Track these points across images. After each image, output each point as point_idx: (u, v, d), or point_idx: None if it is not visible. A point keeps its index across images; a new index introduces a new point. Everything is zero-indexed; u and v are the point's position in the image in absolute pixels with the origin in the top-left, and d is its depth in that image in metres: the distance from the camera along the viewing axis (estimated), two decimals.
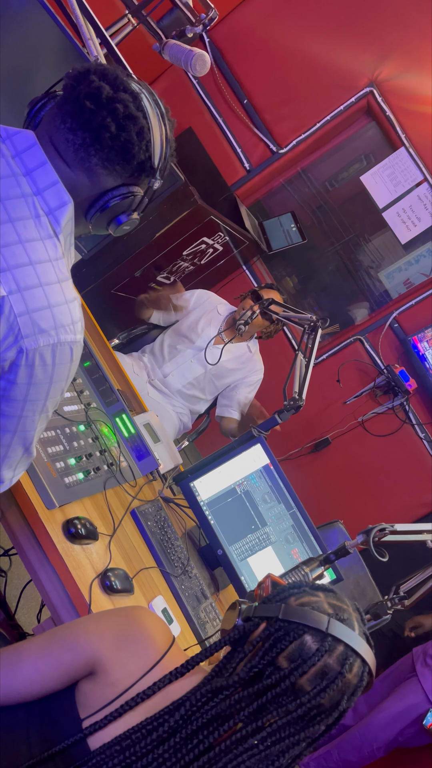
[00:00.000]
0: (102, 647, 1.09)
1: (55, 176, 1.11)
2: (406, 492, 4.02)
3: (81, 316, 1.14)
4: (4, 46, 1.80)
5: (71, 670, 1.10)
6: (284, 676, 1.05)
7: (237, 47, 4.05)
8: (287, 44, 3.98)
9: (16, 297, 1.02)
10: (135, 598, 1.66)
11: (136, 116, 1.13)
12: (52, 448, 1.69)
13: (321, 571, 1.58)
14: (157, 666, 1.09)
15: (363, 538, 1.52)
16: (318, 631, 1.05)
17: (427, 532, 1.58)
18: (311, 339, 2.37)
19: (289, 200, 4.43)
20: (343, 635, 1.06)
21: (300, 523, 2.03)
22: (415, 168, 3.99)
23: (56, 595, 1.56)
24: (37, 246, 1.07)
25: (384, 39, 3.89)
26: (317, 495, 3.73)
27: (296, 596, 1.12)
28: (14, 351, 1.03)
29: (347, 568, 2.46)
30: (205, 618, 1.87)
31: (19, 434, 1.16)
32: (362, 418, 4.10)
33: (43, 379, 1.10)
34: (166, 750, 1.04)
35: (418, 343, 3.96)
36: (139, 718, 1.07)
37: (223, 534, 2.04)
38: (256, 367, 3.17)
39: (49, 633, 1.17)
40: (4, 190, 1.07)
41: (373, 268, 4.44)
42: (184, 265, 3.59)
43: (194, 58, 1.73)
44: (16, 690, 1.10)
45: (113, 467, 1.87)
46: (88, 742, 1.07)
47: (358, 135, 4.28)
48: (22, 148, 1.11)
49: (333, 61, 3.94)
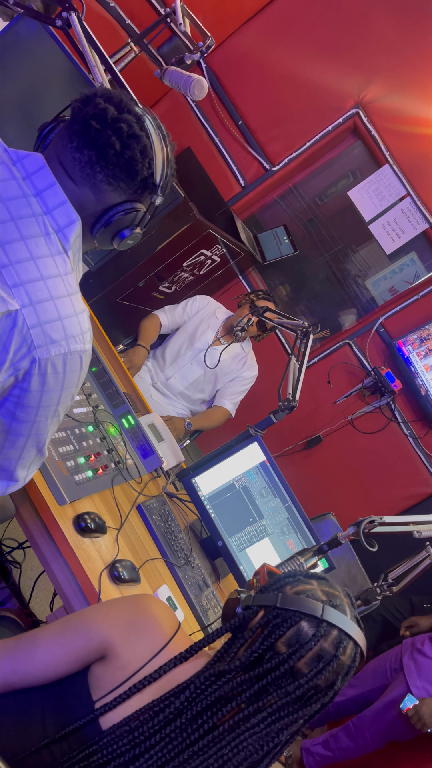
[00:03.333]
0: (112, 632, 1.09)
1: (63, 196, 1.11)
2: (393, 485, 4.01)
3: (89, 327, 1.13)
4: (16, 74, 1.79)
5: (84, 654, 1.09)
6: (283, 660, 1.04)
7: (232, 72, 4.05)
8: (279, 69, 3.98)
9: (28, 310, 1.02)
10: (141, 588, 1.65)
11: (139, 135, 1.13)
12: (63, 447, 1.68)
13: (315, 561, 1.57)
14: (164, 650, 1.09)
15: (354, 529, 1.51)
16: (313, 617, 1.05)
17: (413, 524, 1.58)
18: (304, 344, 2.36)
19: (281, 214, 4.42)
20: (337, 620, 1.06)
21: (295, 516, 2.03)
22: (399, 183, 3.98)
23: (68, 585, 1.55)
24: (47, 262, 1.07)
25: (369, 64, 3.88)
26: (310, 489, 3.72)
27: (292, 585, 1.11)
28: (28, 361, 1.03)
29: (339, 557, 2.46)
30: (207, 605, 1.86)
31: (32, 437, 1.16)
32: (351, 416, 4.09)
33: (55, 387, 1.09)
34: (173, 730, 1.04)
35: (403, 346, 3.95)
36: (147, 700, 1.07)
37: (223, 526, 2.04)
38: (250, 364, 3.18)
39: (63, 620, 1.16)
40: (15, 210, 1.07)
41: (360, 277, 4.43)
42: (185, 276, 3.59)
43: (193, 84, 1.73)
44: (33, 673, 1.09)
45: (120, 465, 1.87)
46: (99, 722, 1.06)
47: (345, 153, 4.27)
48: (32, 170, 1.11)
49: (322, 84, 3.94)
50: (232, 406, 3.14)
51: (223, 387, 3.14)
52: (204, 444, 3.60)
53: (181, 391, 3.13)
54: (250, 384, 3.19)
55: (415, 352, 3.93)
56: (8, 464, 1.19)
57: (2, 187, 1.07)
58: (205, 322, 3.15)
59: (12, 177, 1.09)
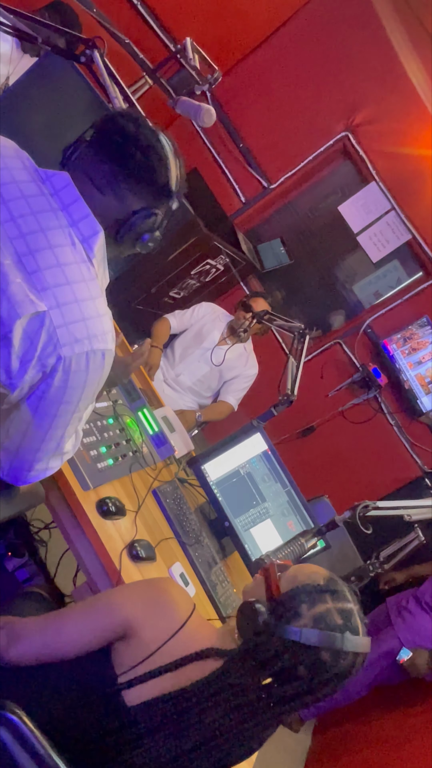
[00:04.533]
0: (134, 611, 1.08)
1: (87, 210, 1.11)
2: (381, 470, 4.00)
3: (112, 329, 1.12)
4: (43, 105, 1.78)
5: (107, 632, 1.08)
6: (302, 684, 1.03)
7: (234, 99, 4.02)
8: (276, 96, 3.96)
9: (55, 312, 1.01)
10: (157, 565, 1.65)
11: (156, 147, 1.13)
12: (87, 438, 1.68)
13: (314, 542, 1.56)
14: (182, 628, 1.07)
15: (350, 513, 1.50)
16: (334, 649, 1.02)
17: (404, 508, 1.57)
18: (300, 344, 2.35)
19: (278, 227, 4.40)
20: (355, 647, 1.04)
21: (294, 499, 2.02)
22: (384, 199, 3.96)
23: (91, 563, 1.55)
24: (73, 269, 1.06)
25: (357, 92, 3.85)
26: (305, 474, 3.68)
27: (308, 604, 1.05)
28: (54, 358, 1.02)
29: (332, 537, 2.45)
30: (215, 580, 1.85)
31: (52, 431, 1.13)
32: (342, 408, 4.08)
33: (78, 383, 1.07)
34: (188, 718, 1.04)
35: (389, 345, 3.94)
36: (163, 684, 1.05)
37: (230, 509, 2.03)
38: (251, 363, 3.18)
39: (89, 600, 1.15)
40: (44, 222, 1.07)
41: (347, 282, 4.41)
42: (192, 282, 3.58)
43: (203, 113, 1.71)
44: (61, 648, 1.08)
45: (137, 454, 1.86)
46: (123, 696, 1.05)
47: (335, 172, 4.25)
48: (60, 186, 1.11)
49: (314, 110, 3.91)
50: (235, 401, 3.14)
51: (228, 383, 3.15)
52: (210, 434, 3.60)
53: (189, 386, 3.13)
54: (251, 381, 3.19)
55: (399, 350, 3.91)
56: (29, 456, 1.16)
57: (33, 202, 1.07)
58: (210, 324, 3.15)
59: (42, 193, 1.10)
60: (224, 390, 3.14)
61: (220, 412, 3.11)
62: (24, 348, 1.00)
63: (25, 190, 1.08)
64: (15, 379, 1.01)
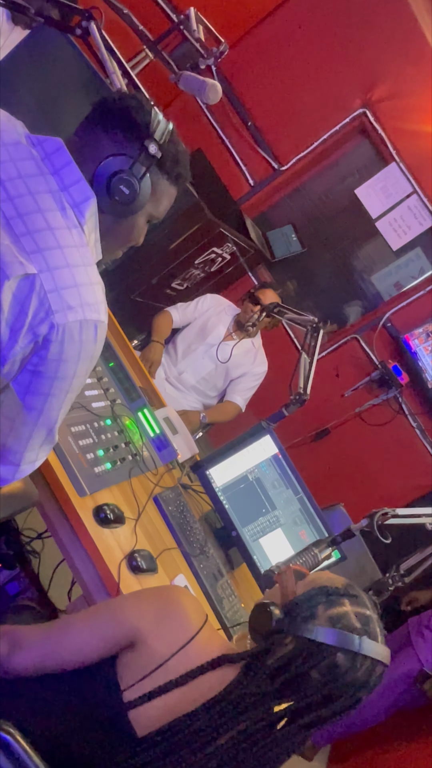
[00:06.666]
0: (142, 621, 1.08)
1: (78, 174, 1.14)
2: (400, 477, 4.00)
3: (104, 300, 1.14)
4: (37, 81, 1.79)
5: (114, 641, 1.09)
6: (317, 690, 1.04)
7: (241, 74, 4.03)
8: (287, 70, 3.95)
9: (46, 275, 1.03)
10: (159, 577, 1.65)
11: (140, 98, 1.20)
12: (83, 440, 1.69)
13: (329, 552, 1.57)
14: (193, 640, 1.08)
15: (367, 521, 1.51)
16: (350, 651, 1.04)
17: (426, 516, 1.57)
18: (314, 339, 2.36)
19: (289, 212, 4.41)
20: (372, 652, 1.05)
21: (306, 507, 2.03)
22: (406, 181, 3.95)
23: (88, 574, 1.55)
24: (64, 233, 1.09)
25: (375, 64, 3.84)
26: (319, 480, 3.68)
27: (325, 605, 1.08)
28: (46, 326, 1.03)
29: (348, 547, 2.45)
30: (222, 594, 1.86)
31: (45, 414, 1.13)
32: (359, 409, 4.08)
33: (72, 356, 1.08)
34: (200, 740, 1.04)
35: (410, 340, 3.93)
36: (171, 700, 1.06)
37: (237, 517, 2.04)
38: (260, 360, 3.18)
39: (95, 607, 1.17)
40: (34, 185, 1.10)
41: (365, 272, 4.41)
42: (196, 273, 3.58)
43: (208, 88, 1.72)
44: (65, 658, 1.10)
45: (137, 457, 1.87)
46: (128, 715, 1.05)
47: (352, 152, 4.24)
48: (51, 150, 1.15)
49: (329, 85, 3.91)
50: (243, 401, 3.15)
51: (234, 382, 3.15)
52: (215, 437, 3.60)
53: (193, 384, 3.13)
54: (260, 380, 3.19)
55: (422, 346, 3.91)
56: (17, 446, 1.15)
57: (22, 166, 1.11)
58: (215, 318, 3.16)
59: (31, 157, 1.13)
60: (231, 389, 3.14)
61: (226, 413, 3.12)
62: (14, 314, 1.01)
63: (14, 154, 1.12)
64: (5, 350, 1.02)
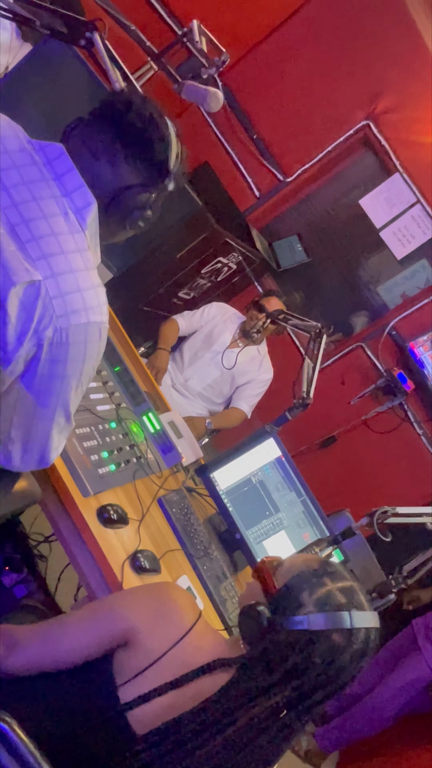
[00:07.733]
0: (137, 618, 1.09)
1: (80, 180, 1.15)
2: (407, 484, 3.97)
3: (106, 301, 1.16)
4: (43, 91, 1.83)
5: (109, 639, 1.09)
6: (320, 672, 1.04)
7: (247, 88, 4.07)
8: (292, 84, 3.99)
9: (50, 281, 1.05)
10: (162, 578, 1.66)
11: (159, 121, 1.18)
12: (87, 442, 1.70)
13: (330, 551, 1.56)
14: (187, 636, 1.08)
15: (368, 520, 1.51)
16: (344, 629, 1.05)
17: (427, 515, 1.57)
18: (317, 344, 2.37)
19: (295, 223, 4.43)
20: (364, 622, 1.06)
21: (310, 509, 2.02)
22: (409, 191, 3.97)
23: (91, 574, 1.56)
24: (67, 238, 1.11)
25: (378, 77, 3.88)
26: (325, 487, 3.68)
27: (308, 591, 1.08)
28: (51, 330, 1.05)
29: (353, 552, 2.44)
30: (225, 596, 1.86)
31: (60, 406, 1.16)
32: (365, 416, 4.07)
33: (77, 356, 1.11)
34: (203, 738, 1.04)
35: (415, 348, 3.93)
36: (166, 701, 1.06)
37: (241, 519, 2.04)
38: (266, 366, 3.19)
39: (90, 606, 1.17)
40: (37, 191, 1.12)
41: (372, 283, 4.42)
42: (203, 282, 3.61)
43: (209, 96, 1.75)
44: (61, 656, 1.10)
45: (141, 460, 1.88)
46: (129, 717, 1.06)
47: (355, 163, 4.27)
48: (53, 156, 1.16)
49: (333, 98, 3.94)
50: (249, 408, 3.15)
51: (240, 389, 3.16)
52: (220, 443, 3.61)
53: (199, 391, 3.15)
54: (265, 386, 3.20)
55: (427, 354, 3.90)
56: (44, 437, 1.19)
57: (25, 172, 1.12)
58: (221, 325, 3.18)
59: (34, 162, 1.14)
60: (236, 396, 3.16)
61: (232, 419, 3.12)
62: (20, 320, 1.03)
63: (17, 160, 1.13)
64: (10, 353, 1.04)
